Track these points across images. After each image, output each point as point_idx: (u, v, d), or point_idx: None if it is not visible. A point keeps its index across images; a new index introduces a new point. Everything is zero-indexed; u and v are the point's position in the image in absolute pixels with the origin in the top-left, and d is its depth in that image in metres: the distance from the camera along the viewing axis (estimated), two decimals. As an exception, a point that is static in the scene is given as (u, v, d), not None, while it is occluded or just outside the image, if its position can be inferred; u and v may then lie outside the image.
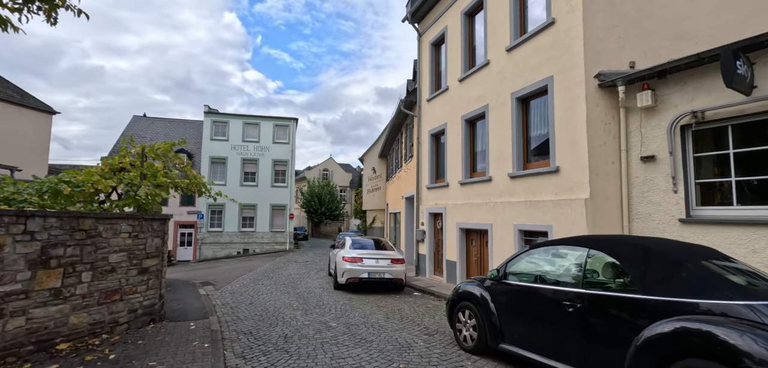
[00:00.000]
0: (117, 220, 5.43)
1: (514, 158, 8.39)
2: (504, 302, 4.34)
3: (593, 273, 3.54)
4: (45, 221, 4.58)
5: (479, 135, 10.11)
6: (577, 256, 3.72)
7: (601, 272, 3.51)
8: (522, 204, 8.04)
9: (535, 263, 4.21)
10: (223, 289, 10.02)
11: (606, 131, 6.65)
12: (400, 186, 17.80)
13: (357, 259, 9.47)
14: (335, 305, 7.92)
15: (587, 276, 3.53)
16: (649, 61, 6.52)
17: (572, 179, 6.90)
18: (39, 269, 4.49)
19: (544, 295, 3.84)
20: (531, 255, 4.31)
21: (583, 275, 3.54)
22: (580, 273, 3.58)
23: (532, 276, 4.18)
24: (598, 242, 3.72)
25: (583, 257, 3.62)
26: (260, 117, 29.07)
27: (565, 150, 7.09)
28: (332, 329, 6.03)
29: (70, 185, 5.86)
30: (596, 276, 3.52)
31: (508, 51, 8.75)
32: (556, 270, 3.89)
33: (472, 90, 10.09)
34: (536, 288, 3.95)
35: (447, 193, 11.14)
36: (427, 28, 12.85)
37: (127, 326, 5.50)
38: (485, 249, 9.54)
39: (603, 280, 3.46)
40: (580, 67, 6.81)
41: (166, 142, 7.39)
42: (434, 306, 8.01)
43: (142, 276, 5.79)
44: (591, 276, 3.53)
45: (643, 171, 6.24)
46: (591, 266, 3.55)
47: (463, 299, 4.98)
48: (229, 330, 5.97)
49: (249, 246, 27.50)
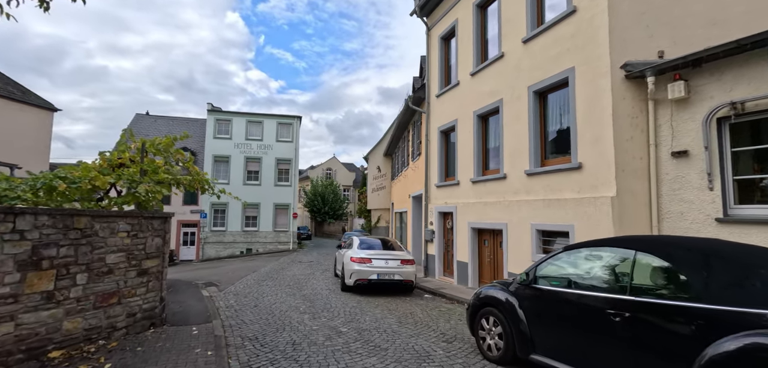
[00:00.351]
0: (114, 218, 5.09)
1: (531, 154, 8.01)
2: (534, 308, 3.97)
3: (642, 278, 3.16)
4: (36, 219, 4.24)
5: (492, 131, 9.72)
6: (621, 259, 3.35)
7: (652, 277, 3.13)
8: (540, 203, 7.66)
9: (570, 266, 3.84)
10: (227, 290, 9.69)
11: (633, 125, 6.26)
12: (406, 185, 17.43)
13: (366, 260, 9.11)
14: (344, 308, 7.57)
15: (635, 281, 3.15)
16: (680, 50, 6.12)
17: (596, 176, 6.50)
18: (29, 271, 4.16)
19: (583, 302, 3.46)
20: (565, 257, 3.93)
21: (630, 280, 3.16)
22: (627, 278, 3.21)
23: (566, 281, 3.80)
24: (647, 243, 3.34)
25: (630, 261, 3.24)
26: (264, 115, 28.77)
27: (587, 146, 6.70)
28: (343, 335, 5.67)
29: (66, 181, 5.52)
30: (646, 281, 3.14)
31: (524, 42, 8.36)
32: (597, 274, 3.51)
33: (485, 84, 9.71)
34: (573, 294, 3.57)
35: (457, 191, 10.76)
36: (436, 21, 12.46)
37: (125, 331, 5.17)
38: (499, 250, 9.16)
39: (654, 286, 3.09)
40: (605, 57, 6.41)
41: (167, 136, 7.05)
42: (448, 310, 7.64)
43: (142, 278, 5.46)
44: (639, 282, 3.15)
45: (675, 167, 5.84)
46: (639, 271, 3.17)
47: (487, 304, 4.61)
48: (234, 335, 5.63)
49: (252, 246, 27.20)
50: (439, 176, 11.87)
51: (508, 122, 8.80)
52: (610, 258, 3.46)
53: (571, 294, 3.58)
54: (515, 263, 8.24)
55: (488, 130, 9.92)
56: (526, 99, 8.27)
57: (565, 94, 7.46)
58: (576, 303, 3.53)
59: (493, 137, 9.70)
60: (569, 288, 3.70)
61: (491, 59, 9.50)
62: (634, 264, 3.19)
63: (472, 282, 9.88)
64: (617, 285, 3.27)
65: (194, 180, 7.27)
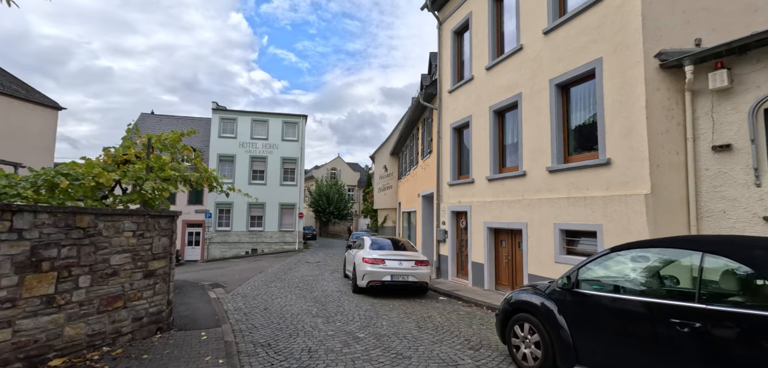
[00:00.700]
0: (119, 217, 4.78)
1: (553, 150, 7.63)
2: (578, 315, 3.61)
3: (713, 284, 2.79)
4: (35, 218, 3.94)
5: (509, 127, 9.35)
6: (685, 262, 2.98)
7: (725, 282, 2.77)
8: (564, 201, 7.28)
9: (620, 268, 3.48)
10: (235, 292, 9.38)
11: (668, 118, 5.88)
12: (415, 184, 17.07)
13: (379, 261, 8.77)
14: (358, 311, 7.23)
15: (705, 287, 2.78)
16: (718, 38, 5.74)
17: (627, 173, 6.12)
18: (28, 274, 3.86)
19: (640, 309, 3.10)
20: (613, 259, 3.57)
21: (698, 286, 2.80)
22: (694, 284, 2.84)
23: (614, 285, 3.44)
24: (717, 244, 2.96)
25: (696, 264, 2.87)
26: (269, 114, 28.49)
27: (617, 140, 6.32)
28: (361, 341, 5.32)
29: (69, 178, 5.23)
30: (718, 287, 2.78)
31: (545, 34, 7.98)
32: (654, 279, 3.15)
33: (502, 78, 9.34)
34: (627, 300, 3.20)
35: (472, 190, 10.39)
36: (448, 15, 12.10)
37: (130, 336, 4.86)
38: (518, 251, 8.79)
39: (729, 292, 2.72)
40: (637, 46, 6.03)
41: (174, 132, 6.75)
42: (467, 313, 7.28)
43: (148, 280, 5.15)
44: (710, 288, 2.78)
45: (716, 162, 5.45)
46: (709, 276, 2.81)
47: (520, 310, 4.25)
48: (245, 341, 5.30)
49: (257, 246, 26.94)
50: (451, 175, 11.50)
51: (528, 117, 8.43)
52: (671, 261, 3.10)
53: (625, 300, 3.21)
54: (536, 265, 7.87)
55: (505, 126, 9.55)
56: (547, 93, 7.90)
57: (590, 86, 7.08)
58: (630, 309, 3.16)
59: (510, 133, 9.32)
60: (618, 293, 3.34)
61: (508, 52, 9.13)
62: (702, 268, 2.82)
63: (488, 284, 9.52)
64: (682, 292, 2.91)
65: (202, 177, 6.97)
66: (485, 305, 7.83)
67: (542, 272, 7.66)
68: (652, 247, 3.36)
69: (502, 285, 9.34)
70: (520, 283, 8.73)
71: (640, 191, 5.88)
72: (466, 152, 11.17)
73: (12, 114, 15.66)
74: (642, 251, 3.40)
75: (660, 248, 3.29)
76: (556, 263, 7.35)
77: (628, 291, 3.29)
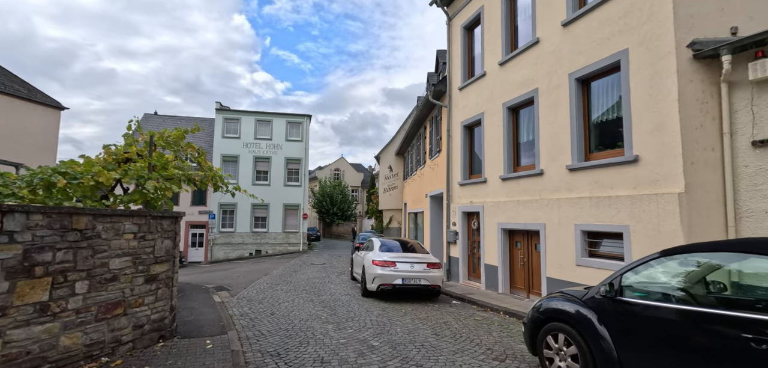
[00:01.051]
0: (119, 218, 4.47)
1: (574, 147, 7.27)
2: (623, 325, 3.26)
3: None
4: (28, 219, 3.63)
5: (525, 124, 8.99)
6: (758, 268, 2.63)
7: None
8: (586, 201, 6.92)
9: (673, 275, 3.13)
10: (240, 295, 9.07)
11: (703, 112, 5.51)
12: (423, 184, 16.72)
13: (389, 263, 8.43)
14: (369, 316, 6.89)
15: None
16: (757, 25, 5.38)
17: (657, 170, 5.76)
18: (20, 279, 3.55)
19: (701, 321, 2.74)
20: (664, 264, 3.22)
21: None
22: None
23: (664, 293, 3.09)
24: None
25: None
26: (273, 114, 28.21)
27: (645, 136, 5.96)
28: (376, 350, 4.99)
29: (66, 177, 4.92)
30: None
31: (564, 26, 7.63)
32: (717, 287, 2.81)
33: (517, 74, 8.99)
34: (686, 311, 2.85)
35: (484, 189, 10.04)
36: (458, 10, 11.76)
37: (131, 345, 4.55)
38: (535, 253, 8.42)
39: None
40: (668, 35, 5.67)
41: (177, 129, 6.45)
42: (484, 319, 6.93)
43: (150, 285, 4.84)
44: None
45: (756, 158, 5.09)
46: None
47: (553, 319, 3.90)
48: (253, 349, 4.98)
49: (261, 247, 26.65)
50: (462, 174, 11.15)
51: (545, 114, 8.07)
52: (738, 267, 2.75)
53: (681, 310, 2.86)
54: (555, 268, 7.51)
55: (520, 123, 9.19)
56: (566, 88, 7.54)
57: (614, 80, 6.73)
58: (689, 322, 2.81)
59: (525, 131, 8.97)
60: (673, 303, 2.99)
61: (523, 46, 8.78)
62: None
63: (503, 288, 9.16)
64: (756, 302, 2.56)
65: (206, 176, 6.66)
66: (502, 310, 7.47)
67: (562, 276, 7.29)
68: (713, 251, 3.00)
69: (518, 288, 8.97)
70: (536, 287, 8.37)
71: (672, 189, 5.51)
72: (477, 151, 10.82)
73: (14, 114, 15.45)
74: (701, 256, 3.04)
75: (724, 252, 2.93)
76: (578, 266, 6.99)
77: (675, 298, 2.94)
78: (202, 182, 6.68)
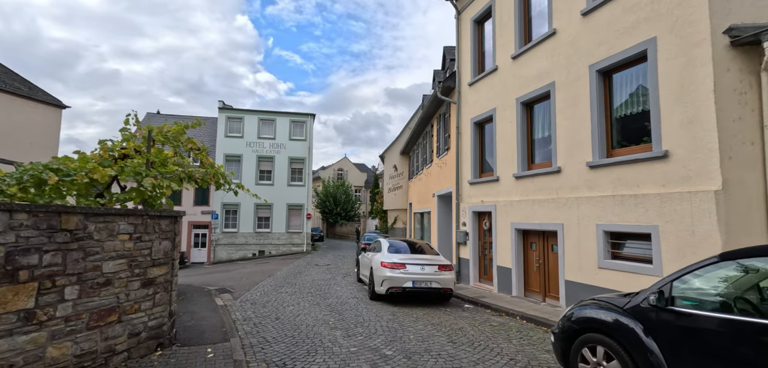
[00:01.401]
0: (113, 217, 4.13)
1: (594, 143, 6.88)
2: (675, 339, 2.88)
3: None
4: (11, 218, 3.30)
5: (540, 119, 8.61)
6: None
7: None
8: (608, 199, 6.53)
9: (737, 282, 2.75)
10: (243, 298, 8.74)
11: (741, 103, 5.11)
12: (429, 183, 16.34)
13: (399, 265, 8.06)
14: (379, 321, 6.54)
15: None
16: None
17: (690, 166, 5.37)
18: (3, 285, 3.22)
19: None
20: (724, 269, 2.84)
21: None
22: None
23: (726, 303, 2.72)
24: None
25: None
26: (276, 113, 27.91)
27: (676, 129, 5.57)
28: (390, 360, 4.62)
29: (59, 173, 4.61)
30: None
31: (583, 15, 7.23)
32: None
33: (531, 67, 8.60)
34: (753, 324, 2.47)
35: (496, 188, 9.65)
36: (467, 3, 11.38)
37: (126, 355, 4.22)
38: (551, 254, 8.04)
39: None
40: (701, 22, 5.28)
41: (177, 124, 6.13)
42: (500, 325, 6.55)
43: (147, 290, 4.50)
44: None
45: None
46: None
47: (588, 329, 3.53)
48: (257, 359, 4.64)
49: (265, 248, 26.35)
50: (473, 172, 10.77)
51: (562, 109, 7.68)
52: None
53: (749, 322, 2.48)
54: (575, 271, 7.12)
55: (534, 118, 8.81)
56: (585, 80, 7.15)
57: (640, 71, 6.34)
58: (757, 336, 2.43)
59: (541, 126, 8.58)
60: (734, 314, 2.62)
61: (538, 38, 8.40)
62: None
63: (517, 291, 8.77)
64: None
65: (208, 173, 6.33)
66: (518, 314, 7.09)
67: (583, 279, 6.91)
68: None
69: (532, 291, 8.59)
70: (553, 290, 7.98)
71: (708, 187, 5.11)
72: (489, 148, 10.44)
73: (14, 112, 15.22)
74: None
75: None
76: (600, 269, 6.60)
77: (753, 312, 2.56)
78: (203, 180, 6.36)
